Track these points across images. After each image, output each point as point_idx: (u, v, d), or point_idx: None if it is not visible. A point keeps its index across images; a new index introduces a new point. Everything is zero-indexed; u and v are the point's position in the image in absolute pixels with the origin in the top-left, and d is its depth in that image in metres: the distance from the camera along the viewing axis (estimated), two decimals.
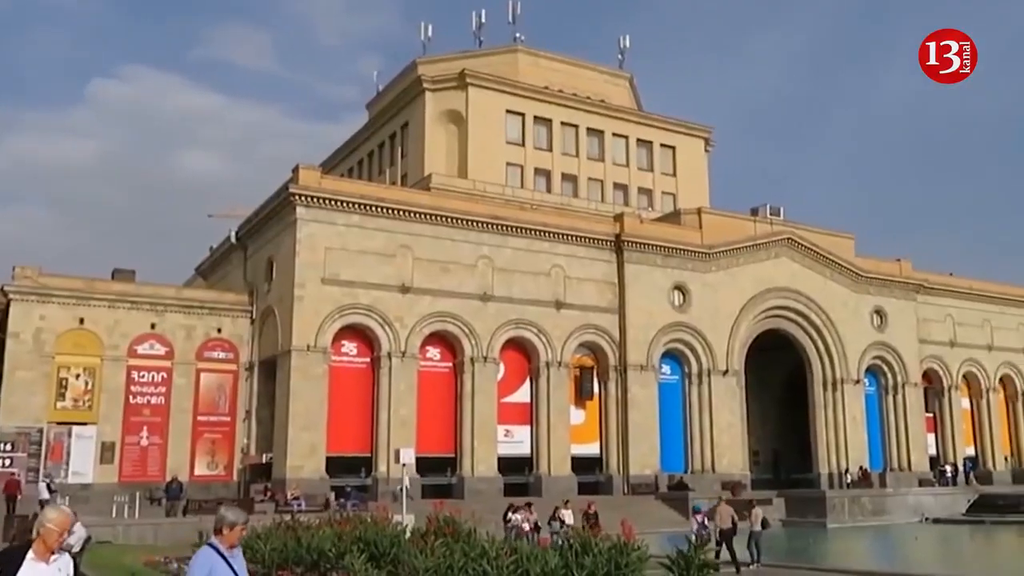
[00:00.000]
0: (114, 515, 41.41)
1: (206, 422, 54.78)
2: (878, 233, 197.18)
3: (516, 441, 57.78)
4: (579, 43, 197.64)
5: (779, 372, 74.26)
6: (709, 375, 63.95)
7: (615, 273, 61.89)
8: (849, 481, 66.45)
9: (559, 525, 35.21)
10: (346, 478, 50.84)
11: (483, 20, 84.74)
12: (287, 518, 23.39)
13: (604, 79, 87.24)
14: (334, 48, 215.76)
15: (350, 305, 52.48)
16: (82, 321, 52.13)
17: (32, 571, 7.58)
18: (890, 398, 74.22)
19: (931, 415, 78.04)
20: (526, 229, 58.94)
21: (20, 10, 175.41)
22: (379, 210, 54.05)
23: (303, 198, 51.97)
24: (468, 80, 75.60)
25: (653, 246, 62.89)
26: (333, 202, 52.81)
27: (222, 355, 55.93)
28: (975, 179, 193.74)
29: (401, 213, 54.73)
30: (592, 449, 60.61)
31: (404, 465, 40.60)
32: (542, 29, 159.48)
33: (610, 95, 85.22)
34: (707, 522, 31.71)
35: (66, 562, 7.85)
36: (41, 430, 50.22)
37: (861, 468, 68.31)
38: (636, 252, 62.28)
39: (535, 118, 78.40)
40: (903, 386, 74.02)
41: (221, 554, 8.58)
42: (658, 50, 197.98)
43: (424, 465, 51.94)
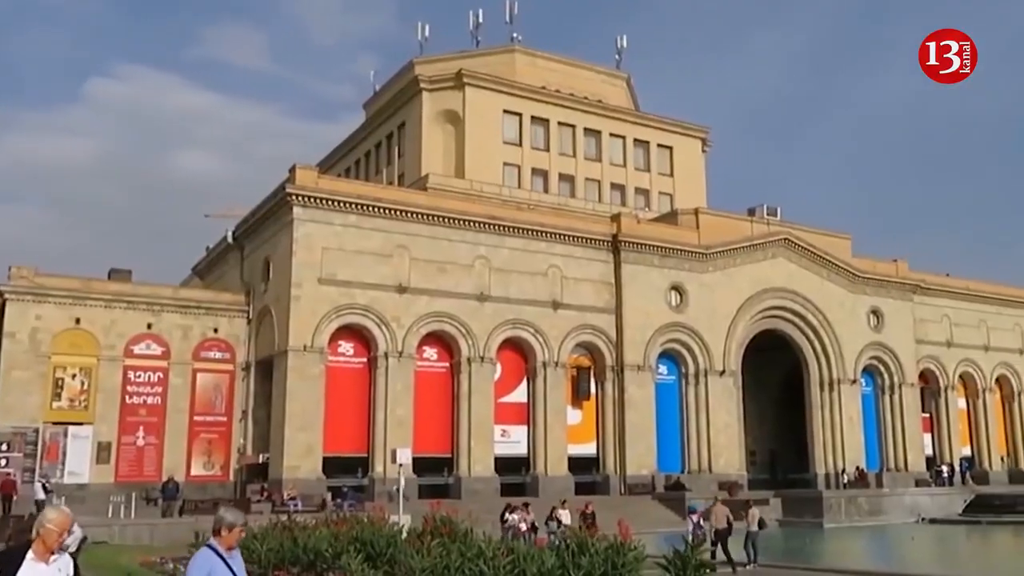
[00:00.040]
0: (110, 515, 41.39)
1: (202, 422, 54.75)
2: (875, 233, 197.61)
3: (513, 441, 57.78)
4: (576, 43, 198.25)
5: (776, 372, 74.33)
6: (706, 375, 64.01)
7: (612, 273, 61.93)
8: (846, 481, 66.57)
9: (556, 525, 35.23)
10: (343, 478, 50.80)
11: (480, 20, 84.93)
12: (283, 518, 23.37)
13: (601, 79, 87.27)
14: (331, 48, 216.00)
15: (347, 305, 52.44)
16: (78, 321, 52.06)
17: (32, 571, 7.57)
18: (887, 398, 74.33)
19: (927, 415, 78.17)
20: (523, 229, 58.95)
21: (17, 9, 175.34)
22: (376, 210, 54.03)
23: (300, 198, 51.93)
24: (465, 80, 75.57)
25: (650, 246, 62.93)
26: (330, 202, 52.77)
27: (218, 355, 55.89)
28: (973, 179, 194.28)
29: (398, 213, 54.72)
30: (589, 449, 60.64)
31: (401, 465, 40.70)
32: (539, 29, 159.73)
33: (607, 95, 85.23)
34: (703, 522, 31.76)
35: (66, 562, 7.83)
36: (37, 430, 50.13)
37: (858, 468, 68.41)
38: (633, 252, 62.30)
39: (532, 118, 78.40)
40: (900, 386, 74.13)
41: (220, 555, 8.54)
42: (655, 50, 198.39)
43: (421, 465, 52.01)
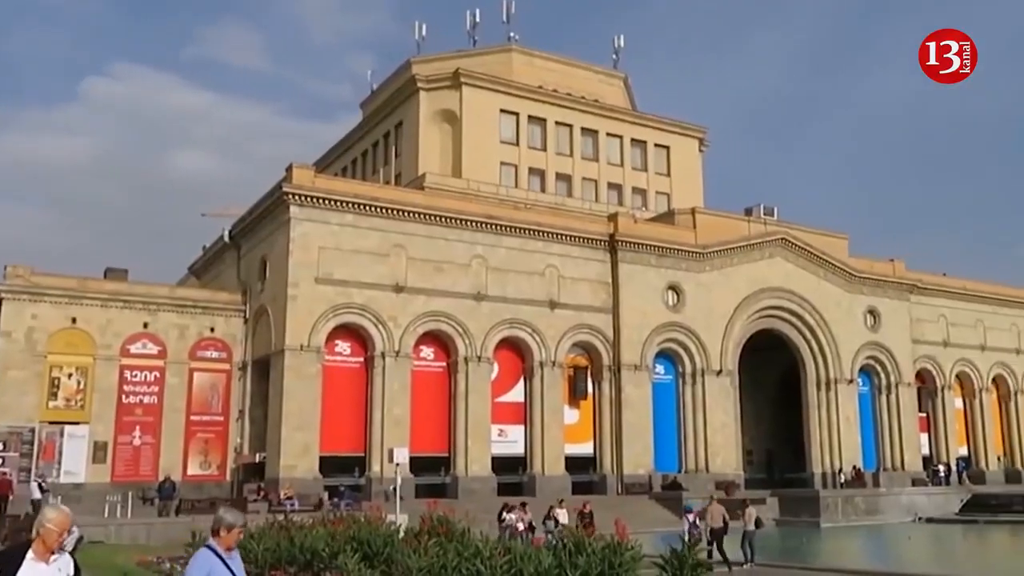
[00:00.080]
0: (106, 515, 41.27)
1: (199, 421, 54.69)
2: (872, 233, 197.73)
3: (510, 441, 57.75)
4: (573, 43, 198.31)
5: (773, 372, 74.35)
6: (703, 375, 64.01)
7: (609, 273, 61.91)
8: (842, 481, 66.61)
9: (553, 524, 35.24)
10: (340, 478, 50.75)
11: (477, 19, 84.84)
12: (280, 518, 23.30)
13: (598, 79, 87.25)
14: (328, 47, 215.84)
15: (344, 304, 52.38)
16: (74, 320, 51.98)
17: (32, 571, 7.55)
18: (883, 398, 74.38)
19: (924, 415, 78.18)
20: (520, 229, 58.92)
21: (15, 8, 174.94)
22: (373, 209, 53.97)
23: (297, 197, 51.85)
24: (462, 79, 75.51)
25: (647, 246, 62.92)
26: (327, 201, 52.70)
27: (215, 354, 55.83)
28: (970, 180, 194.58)
29: (395, 212, 54.66)
30: (586, 449, 60.62)
31: (398, 465, 40.63)
32: (536, 29, 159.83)
33: (604, 95, 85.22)
34: (698, 521, 31.82)
35: (66, 562, 7.81)
36: (33, 430, 50.04)
37: (854, 468, 68.43)
38: (630, 252, 62.29)
39: (529, 118, 78.35)
40: (896, 386, 74.19)
41: (219, 556, 8.50)
42: (652, 50, 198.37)
43: (418, 465, 51.93)
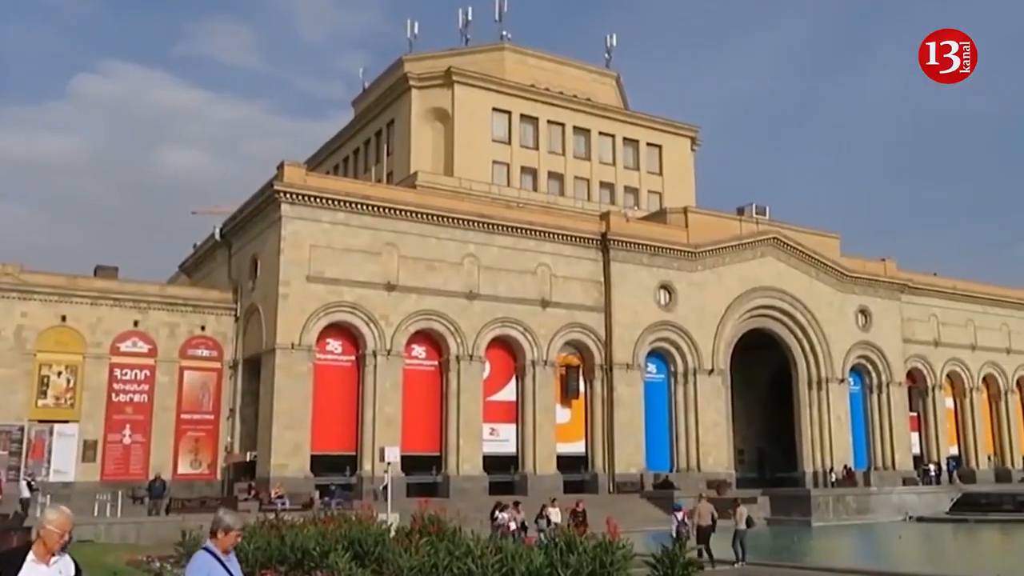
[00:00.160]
0: (96, 514, 41.16)
1: (189, 420, 54.46)
2: (863, 233, 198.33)
3: (501, 440, 57.71)
4: (566, 41, 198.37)
5: (764, 371, 74.49)
6: (695, 374, 64.07)
7: (601, 272, 61.91)
8: (834, 480, 66.77)
9: (546, 523, 35.21)
10: (331, 477, 50.65)
11: (470, 18, 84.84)
12: (271, 517, 23.24)
13: (591, 78, 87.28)
14: (319, 44, 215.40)
15: (335, 303, 52.25)
16: (64, 318, 51.71)
17: (32, 573, 7.52)
18: (874, 397, 74.60)
19: (915, 414, 78.47)
20: (512, 227, 58.87)
21: (2, 5, 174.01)
22: (364, 208, 53.84)
23: (288, 195, 51.69)
24: (454, 78, 75.44)
25: (639, 245, 62.95)
26: (318, 199, 52.55)
27: (206, 353, 55.62)
28: (962, 180, 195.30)
29: (386, 211, 54.54)
30: (578, 448, 60.62)
31: (389, 464, 40.58)
32: (529, 27, 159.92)
33: (597, 94, 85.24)
34: (687, 519, 31.86)
35: (66, 563, 7.77)
36: (22, 428, 49.80)
37: (845, 467, 68.64)
38: (622, 251, 62.31)
39: (521, 116, 78.34)
40: (887, 385, 74.42)
41: (217, 558, 8.44)
42: (645, 49, 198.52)
43: (409, 463, 51.85)
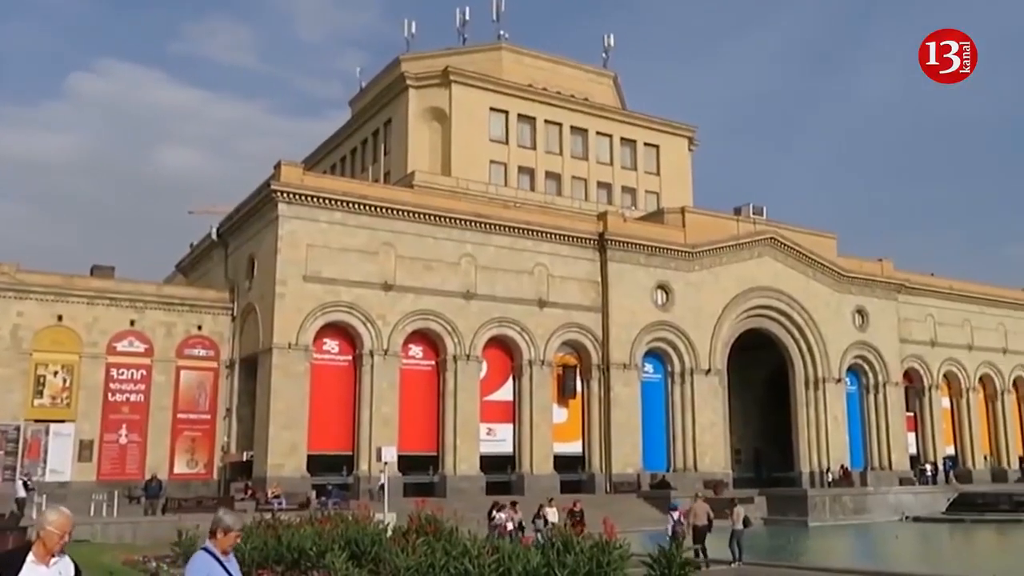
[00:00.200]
0: (92, 513, 41.04)
1: (186, 420, 54.40)
2: (860, 233, 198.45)
3: (498, 439, 57.69)
4: (563, 41, 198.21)
5: (761, 371, 74.51)
6: (692, 374, 64.08)
7: (598, 272, 61.90)
8: (830, 480, 66.84)
9: (543, 523, 35.18)
10: (327, 476, 50.61)
11: (467, 17, 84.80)
12: (267, 517, 23.23)
13: (588, 77, 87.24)
14: (317, 44, 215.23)
15: (332, 303, 52.20)
16: (60, 318, 51.64)
17: (32, 574, 7.52)
18: (871, 397, 74.65)
19: (912, 414, 78.49)
20: (509, 227, 58.84)
21: None
22: (362, 207, 53.78)
23: (285, 195, 51.62)
24: (452, 77, 75.37)
25: (636, 245, 62.94)
26: (315, 199, 52.49)
27: (202, 352, 55.55)
28: (959, 180, 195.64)
29: (384, 211, 54.49)
30: (575, 448, 60.61)
31: (386, 463, 40.52)
32: (526, 27, 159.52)
33: (594, 93, 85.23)
34: (683, 519, 31.89)
35: (66, 564, 7.76)
36: (18, 428, 49.74)
37: (842, 467, 68.69)
38: (619, 251, 62.30)
39: (519, 116, 78.28)
40: (884, 385, 74.47)
41: (216, 558, 8.45)
42: (642, 49, 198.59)
43: (406, 463, 51.84)
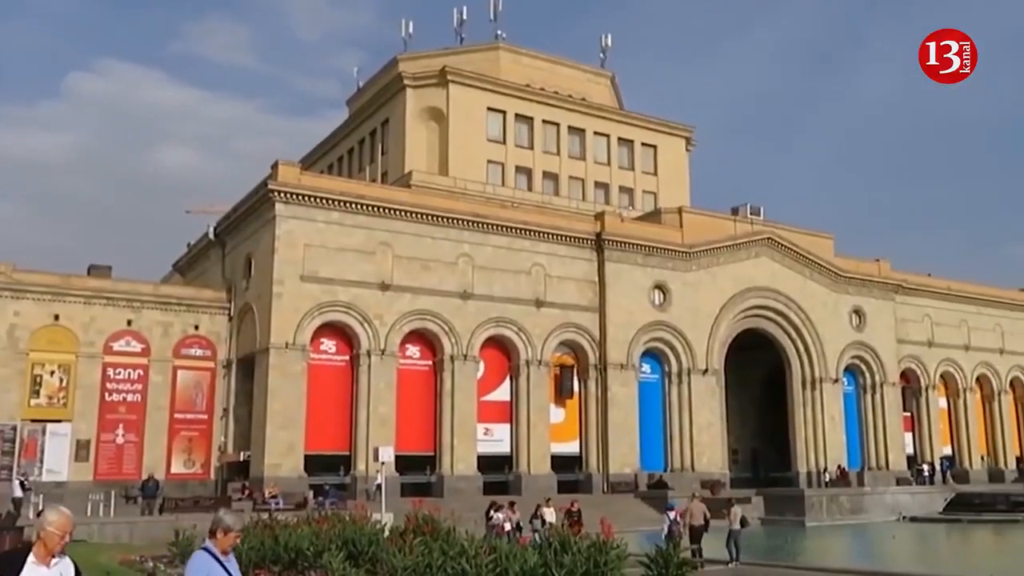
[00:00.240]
0: (89, 513, 40.96)
1: (183, 420, 54.30)
2: (857, 233, 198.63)
3: (496, 439, 57.67)
4: (561, 41, 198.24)
5: (758, 371, 74.53)
6: (689, 374, 64.09)
7: (596, 272, 61.89)
8: (827, 480, 66.84)
9: (541, 523, 35.17)
10: (325, 476, 50.57)
11: (464, 17, 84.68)
12: (265, 517, 23.22)
13: (586, 77, 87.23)
14: (314, 44, 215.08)
15: (329, 303, 52.15)
16: (57, 317, 51.54)
17: (33, 575, 7.50)
18: (868, 397, 74.70)
19: (909, 414, 78.54)
20: (507, 227, 58.82)
21: None
22: (359, 207, 53.73)
23: (282, 194, 51.56)
24: (449, 77, 75.32)
25: (634, 245, 62.94)
26: (312, 199, 52.43)
27: (199, 352, 55.48)
28: (956, 180, 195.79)
29: (381, 210, 54.45)
30: (572, 447, 60.59)
31: (383, 463, 40.46)
32: (523, 27, 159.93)
33: (591, 94, 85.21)
34: (679, 519, 31.90)
35: (67, 565, 7.75)
36: (15, 427, 49.63)
37: (839, 467, 68.69)
38: (617, 251, 62.30)
39: (516, 116, 78.23)
40: (881, 385, 74.51)
41: (216, 558, 8.46)
42: (640, 49, 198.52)
43: (403, 463, 51.76)
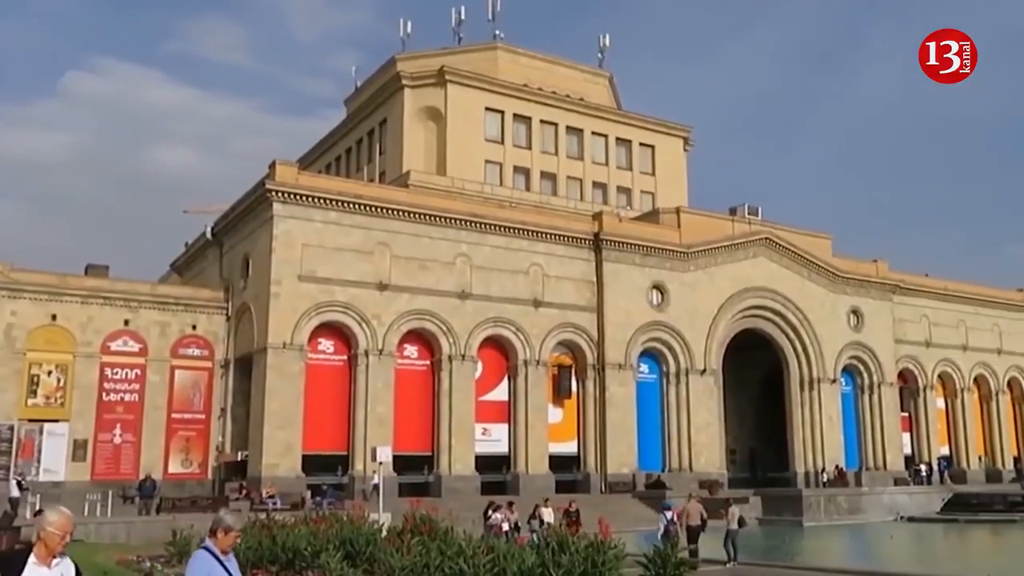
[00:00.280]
0: (86, 513, 40.90)
1: (180, 419, 54.21)
2: (855, 234, 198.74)
3: (494, 439, 57.64)
4: (559, 41, 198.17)
5: (756, 371, 74.57)
6: (687, 374, 64.09)
7: (594, 272, 61.88)
8: (825, 480, 66.84)
9: (539, 523, 35.16)
10: (322, 476, 50.54)
11: (463, 17, 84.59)
12: (262, 516, 23.19)
13: (584, 77, 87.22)
14: (312, 43, 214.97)
15: (327, 302, 52.11)
16: (54, 317, 51.45)
17: (34, 575, 7.51)
18: (866, 397, 74.75)
19: (906, 415, 78.63)
20: (505, 227, 58.79)
21: None
22: (357, 207, 53.69)
23: (280, 194, 51.52)
24: (447, 77, 75.28)
25: (632, 245, 62.94)
26: (310, 199, 52.39)
27: (197, 352, 55.41)
28: (954, 180, 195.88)
29: (379, 210, 54.41)
30: (570, 447, 60.58)
31: (381, 463, 40.46)
32: (522, 27, 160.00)
33: (589, 93, 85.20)
34: (676, 519, 31.91)
35: (67, 566, 7.77)
36: (12, 427, 49.53)
37: (837, 467, 68.73)
38: (615, 251, 62.30)
39: (514, 116, 78.19)
40: (879, 386, 74.56)
41: (217, 557, 8.47)
42: (638, 49, 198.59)
43: (401, 463, 51.69)
